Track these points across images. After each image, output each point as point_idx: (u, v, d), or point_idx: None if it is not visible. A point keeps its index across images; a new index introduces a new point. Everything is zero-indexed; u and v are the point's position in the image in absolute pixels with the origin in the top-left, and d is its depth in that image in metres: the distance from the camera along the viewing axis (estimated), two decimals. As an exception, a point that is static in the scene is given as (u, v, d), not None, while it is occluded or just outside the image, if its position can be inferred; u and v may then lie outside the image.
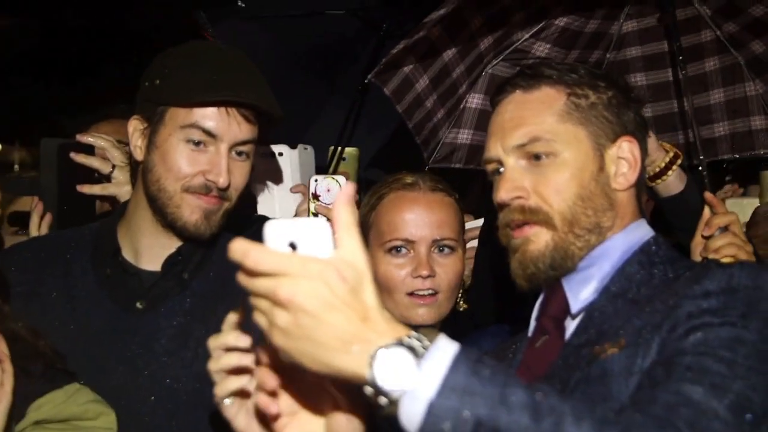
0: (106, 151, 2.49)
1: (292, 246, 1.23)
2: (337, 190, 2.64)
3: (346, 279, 1.22)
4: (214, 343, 1.45)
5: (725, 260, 2.21)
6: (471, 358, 1.23)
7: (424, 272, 2.29)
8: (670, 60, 3.19)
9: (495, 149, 1.80)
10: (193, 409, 2.03)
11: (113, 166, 2.49)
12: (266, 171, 2.87)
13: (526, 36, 2.97)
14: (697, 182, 2.60)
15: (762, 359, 1.39)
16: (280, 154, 2.93)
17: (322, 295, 1.20)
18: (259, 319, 1.27)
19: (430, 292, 2.31)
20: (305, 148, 3.00)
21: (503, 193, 1.76)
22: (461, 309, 2.59)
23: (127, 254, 2.21)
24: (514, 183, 1.75)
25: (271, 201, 2.90)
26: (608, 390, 1.50)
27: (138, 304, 2.14)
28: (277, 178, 2.91)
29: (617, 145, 1.77)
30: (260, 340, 1.37)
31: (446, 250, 2.35)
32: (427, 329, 2.31)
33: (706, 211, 2.40)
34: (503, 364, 1.79)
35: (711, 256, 2.27)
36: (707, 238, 2.35)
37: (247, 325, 1.44)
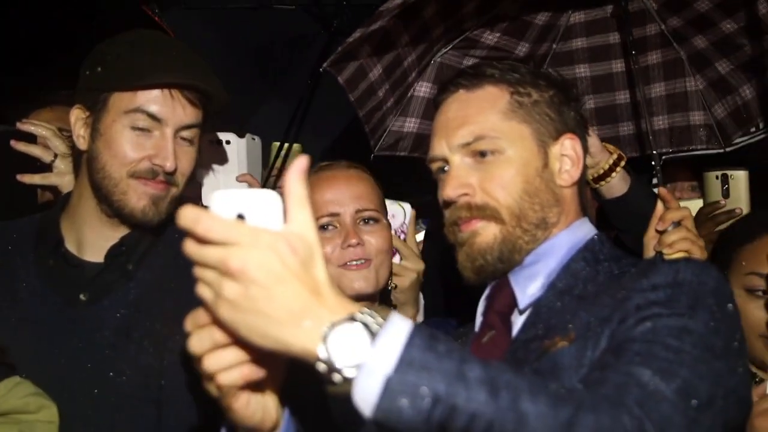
0: (47, 140, 2.44)
1: (240, 217, 1.21)
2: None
3: (297, 252, 1.20)
4: (192, 323, 1.31)
5: (678, 255, 2.25)
6: (426, 334, 1.22)
7: (353, 240, 2.31)
8: (614, 52, 3.21)
9: (440, 148, 1.82)
10: (137, 402, 2.01)
11: (55, 155, 2.44)
12: (213, 158, 2.85)
13: (476, 25, 2.95)
14: (650, 174, 2.64)
15: (707, 349, 1.42)
16: (228, 142, 2.90)
17: (273, 266, 1.18)
18: (203, 291, 1.23)
19: (362, 260, 2.32)
20: (253, 138, 2.97)
21: (450, 190, 1.78)
22: (391, 287, 2.57)
23: (70, 245, 2.17)
24: (460, 180, 1.77)
25: (217, 188, 2.84)
26: (560, 383, 1.50)
27: (81, 296, 2.10)
28: (224, 167, 2.89)
29: (560, 142, 1.80)
30: None
31: (371, 222, 2.37)
32: (379, 307, 2.31)
33: (659, 206, 2.43)
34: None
35: (665, 250, 2.31)
36: (661, 232, 2.39)
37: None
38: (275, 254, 1.18)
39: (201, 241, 1.20)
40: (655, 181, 2.76)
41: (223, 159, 2.87)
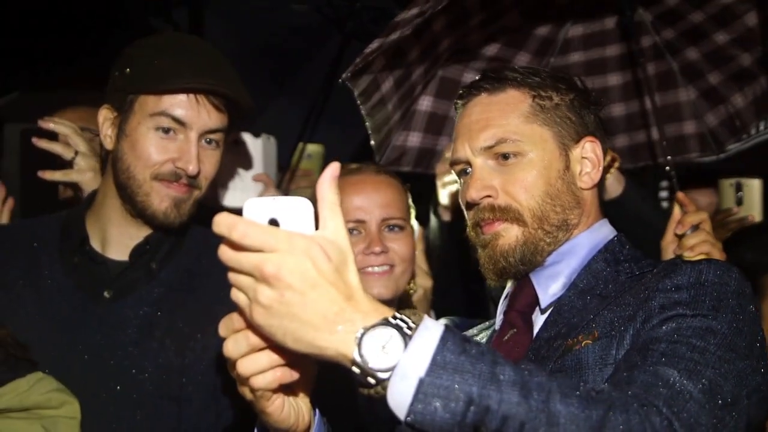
0: (68, 138, 2.46)
1: (273, 223, 1.23)
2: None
3: (331, 257, 1.21)
4: (227, 328, 1.33)
5: (699, 257, 2.29)
6: (458, 337, 1.24)
7: (377, 248, 2.32)
8: (611, 65, 3.28)
9: (463, 150, 1.84)
10: (159, 399, 2.03)
11: (76, 153, 2.46)
12: (228, 158, 2.79)
13: (479, 37, 3.00)
14: (667, 181, 2.68)
15: (731, 350, 1.45)
16: (244, 142, 2.89)
17: (307, 271, 1.19)
18: (238, 297, 1.25)
19: (384, 267, 2.33)
20: (268, 138, 2.96)
21: (473, 192, 1.80)
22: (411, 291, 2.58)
23: (95, 243, 2.19)
24: (483, 182, 1.80)
25: (233, 189, 2.87)
26: (584, 380, 1.55)
27: (105, 293, 2.12)
28: (240, 166, 2.89)
29: (581, 145, 1.83)
30: None
31: (396, 229, 2.38)
32: (410, 311, 2.32)
33: (677, 210, 2.49)
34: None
35: (686, 253, 2.34)
36: (680, 236, 2.43)
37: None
38: (310, 260, 1.20)
39: (236, 247, 1.22)
40: (662, 194, 2.81)
41: (238, 158, 2.86)
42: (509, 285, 1.88)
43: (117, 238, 2.17)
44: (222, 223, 1.21)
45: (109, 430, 2.01)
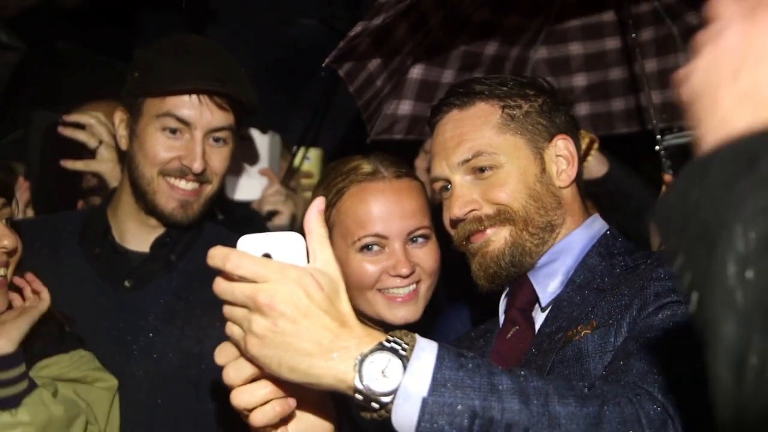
0: (92, 127, 2.55)
1: (267, 257, 1.25)
2: None
3: (323, 286, 1.22)
4: (221, 356, 1.31)
5: None
6: (453, 353, 1.25)
7: (404, 271, 2.10)
8: (608, 29, 3.20)
9: (440, 168, 1.90)
10: (177, 384, 2.13)
11: (100, 142, 2.55)
12: (237, 152, 2.85)
13: (471, 3, 2.88)
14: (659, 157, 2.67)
15: None
16: (251, 137, 2.97)
17: (300, 300, 1.20)
18: (232, 329, 1.26)
19: (411, 288, 2.13)
20: (274, 135, 3.05)
21: (456, 210, 1.86)
22: None
23: (116, 235, 2.29)
24: (464, 199, 1.85)
25: (238, 182, 2.96)
26: (585, 369, 1.59)
27: (126, 283, 2.22)
28: (247, 161, 2.96)
29: (553, 144, 1.87)
30: None
31: (420, 240, 2.16)
32: (401, 332, 2.22)
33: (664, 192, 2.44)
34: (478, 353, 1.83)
35: None
36: None
37: None
38: (302, 288, 1.21)
39: (230, 278, 1.23)
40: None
41: (245, 153, 2.93)
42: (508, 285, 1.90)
43: (136, 231, 2.27)
44: (216, 255, 1.23)
45: (129, 414, 2.09)
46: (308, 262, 1.26)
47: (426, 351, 1.23)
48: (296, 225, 2.84)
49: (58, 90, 3.14)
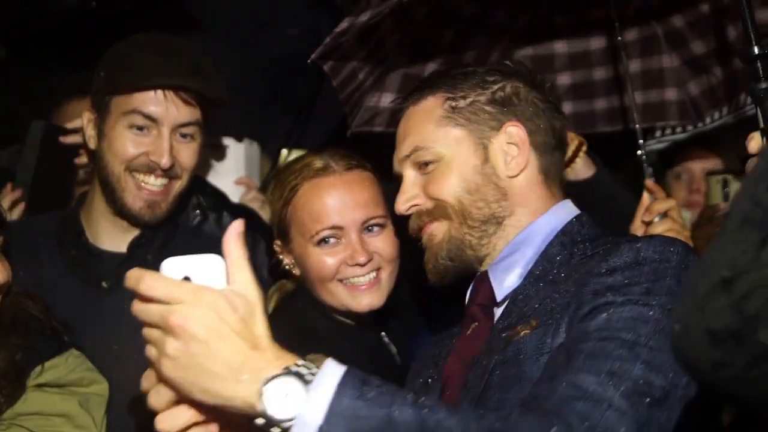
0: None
1: (187, 279, 1.26)
2: None
3: (237, 309, 1.23)
4: (146, 381, 1.33)
5: None
6: (358, 380, 1.25)
7: (362, 259, 2.17)
8: (594, 30, 3.19)
9: (394, 164, 1.95)
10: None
11: None
12: (212, 162, 2.95)
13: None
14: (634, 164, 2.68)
15: (666, 337, 1.41)
16: (226, 146, 3.00)
17: (212, 323, 1.21)
18: (150, 351, 1.27)
19: (371, 276, 2.20)
20: (251, 143, 3.07)
21: (398, 205, 1.91)
22: None
23: (90, 237, 2.33)
24: (406, 195, 1.90)
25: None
26: (522, 371, 1.57)
27: (103, 284, 2.26)
28: (222, 170, 2.99)
29: (503, 131, 1.84)
30: None
31: (376, 228, 2.23)
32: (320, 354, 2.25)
33: (645, 196, 2.47)
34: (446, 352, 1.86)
35: None
36: (648, 223, 2.42)
37: None
38: (215, 311, 1.22)
39: (146, 300, 1.24)
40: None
41: (221, 162, 2.97)
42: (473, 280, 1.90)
43: (110, 232, 2.31)
44: (131, 277, 1.25)
45: (111, 413, 2.10)
46: (227, 283, 1.27)
47: (329, 377, 1.23)
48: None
49: (41, 90, 3.18)
